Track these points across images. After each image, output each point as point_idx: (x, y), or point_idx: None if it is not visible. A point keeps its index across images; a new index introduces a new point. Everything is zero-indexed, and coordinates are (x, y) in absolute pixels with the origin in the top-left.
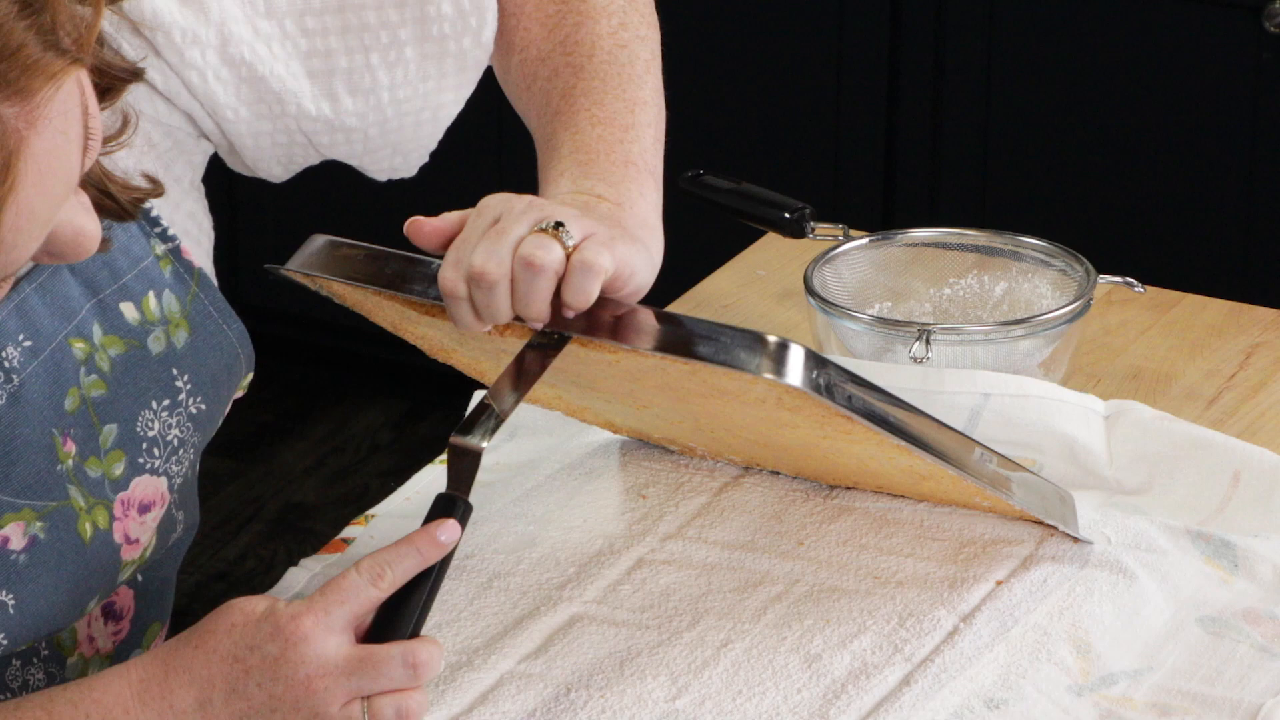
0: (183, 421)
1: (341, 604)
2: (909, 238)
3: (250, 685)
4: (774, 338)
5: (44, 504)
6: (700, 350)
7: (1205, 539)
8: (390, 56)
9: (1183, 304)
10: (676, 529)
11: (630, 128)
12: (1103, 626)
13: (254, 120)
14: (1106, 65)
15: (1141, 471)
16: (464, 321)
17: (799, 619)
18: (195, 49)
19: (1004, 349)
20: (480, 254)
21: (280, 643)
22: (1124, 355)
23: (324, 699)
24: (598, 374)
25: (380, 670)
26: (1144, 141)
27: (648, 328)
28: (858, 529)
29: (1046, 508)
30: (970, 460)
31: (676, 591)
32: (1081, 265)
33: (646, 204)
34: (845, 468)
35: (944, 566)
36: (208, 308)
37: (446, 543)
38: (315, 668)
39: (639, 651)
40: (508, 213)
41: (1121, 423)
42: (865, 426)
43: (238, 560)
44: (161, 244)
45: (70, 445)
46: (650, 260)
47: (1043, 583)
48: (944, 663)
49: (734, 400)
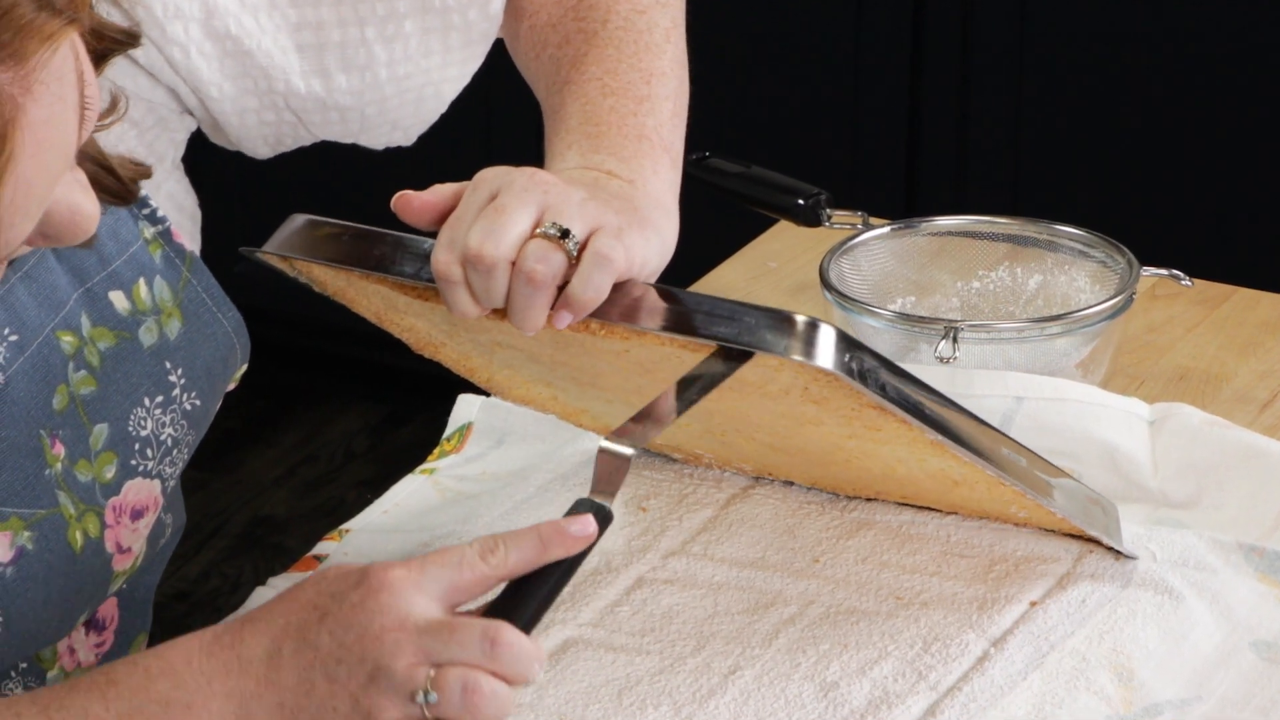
0: (176, 419)
1: (441, 567)
2: (934, 226)
3: (322, 634)
4: (803, 317)
5: (32, 512)
6: (722, 331)
7: (1259, 554)
8: (388, 30)
9: (1234, 299)
10: (680, 545)
11: (645, 99)
12: (1147, 652)
13: (239, 97)
14: (1150, 36)
15: (1189, 482)
16: (460, 307)
17: (814, 643)
18: (178, 23)
19: (1038, 348)
20: (477, 234)
21: (364, 590)
22: (1170, 355)
23: (390, 651)
24: (604, 366)
25: (455, 637)
26: (1192, 120)
27: (663, 309)
28: (878, 545)
29: (1088, 517)
30: (1009, 460)
31: (680, 613)
32: (1123, 256)
33: (660, 182)
34: (869, 474)
35: (973, 586)
36: (201, 295)
37: (577, 537)
38: (392, 620)
39: (639, 679)
40: (507, 188)
41: (1167, 429)
42: (898, 419)
43: (200, 578)
44: (151, 227)
45: (59, 447)
46: (663, 246)
47: (1081, 604)
48: (973, 692)
49: (753, 393)
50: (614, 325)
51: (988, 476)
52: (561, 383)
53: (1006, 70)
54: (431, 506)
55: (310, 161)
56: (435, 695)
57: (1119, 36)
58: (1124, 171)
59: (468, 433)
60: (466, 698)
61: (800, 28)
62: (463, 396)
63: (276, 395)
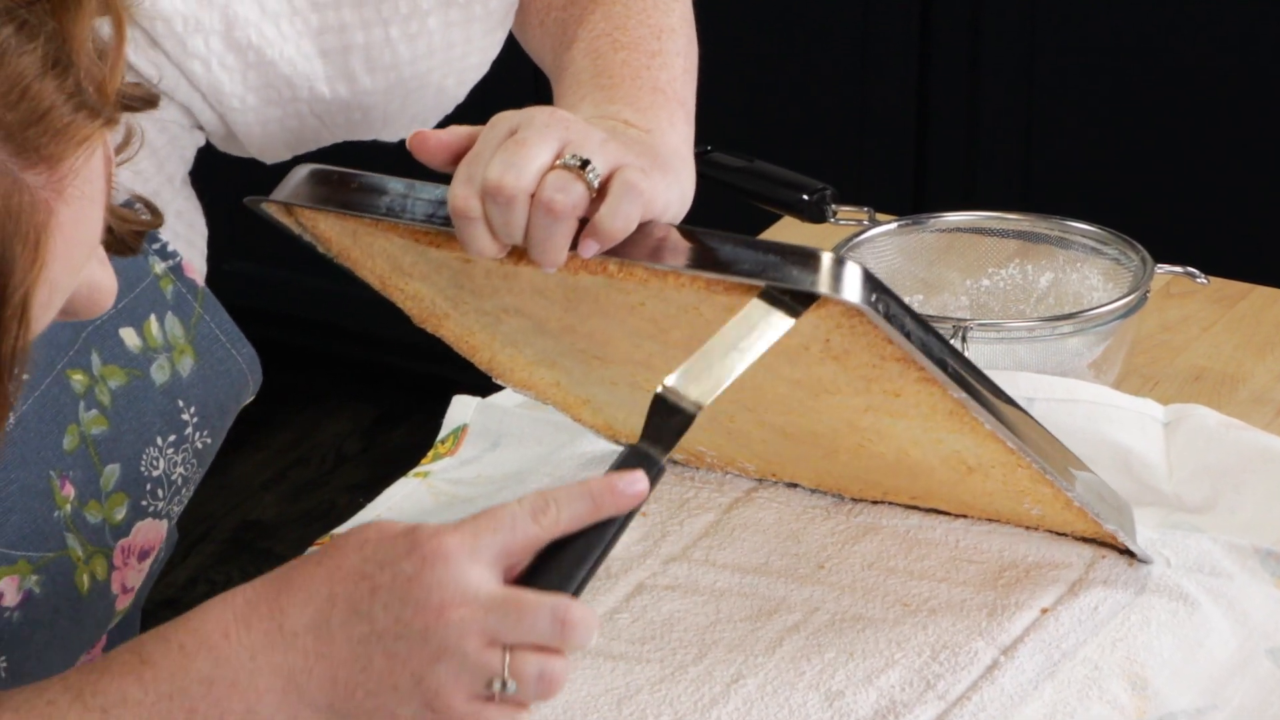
0: (188, 458)
1: (494, 532)
2: (942, 222)
3: (375, 607)
4: (829, 253)
5: (40, 555)
6: (745, 268)
7: (1276, 559)
8: (411, 28)
9: (1251, 297)
10: (681, 550)
11: (657, 54)
12: (1161, 660)
13: (262, 107)
14: (1164, 27)
15: (1205, 486)
16: (477, 244)
17: (819, 651)
18: (198, 36)
19: (1050, 347)
20: (497, 167)
21: (416, 560)
22: (1185, 355)
23: (459, 632)
24: (615, 330)
25: (525, 617)
26: (1208, 112)
27: (686, 248)
28: (885, 550)
29: (1105, 512)
30: (1029, 431)
31: (681, 621)
32: (1137, 253)
33: (677, 135)
34: (880, 463)
35: (982, 592)
36: (214, 331)
37: (628, 495)
38: (453, 594)
39: (639, 688)
40: (527, 123)
41: (1182, 431)
42: (919, 377)
43: (187, 585)
44: (161, 262)
45: (69, 489)
46: (682, 194)
47: (1093, 611)
48: (982, 701)
49: (771, 351)
50: (634, 265)
51: (1004, 459)
52: (566, 363)
53: (1017, 61)
54: (426, 510)
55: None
56: (515, 685)
57: (1134, 25)
58: (1138, 165)
59: (463, 435)
60: (541, 684)
61: (805, 16)
62: (458, 398)
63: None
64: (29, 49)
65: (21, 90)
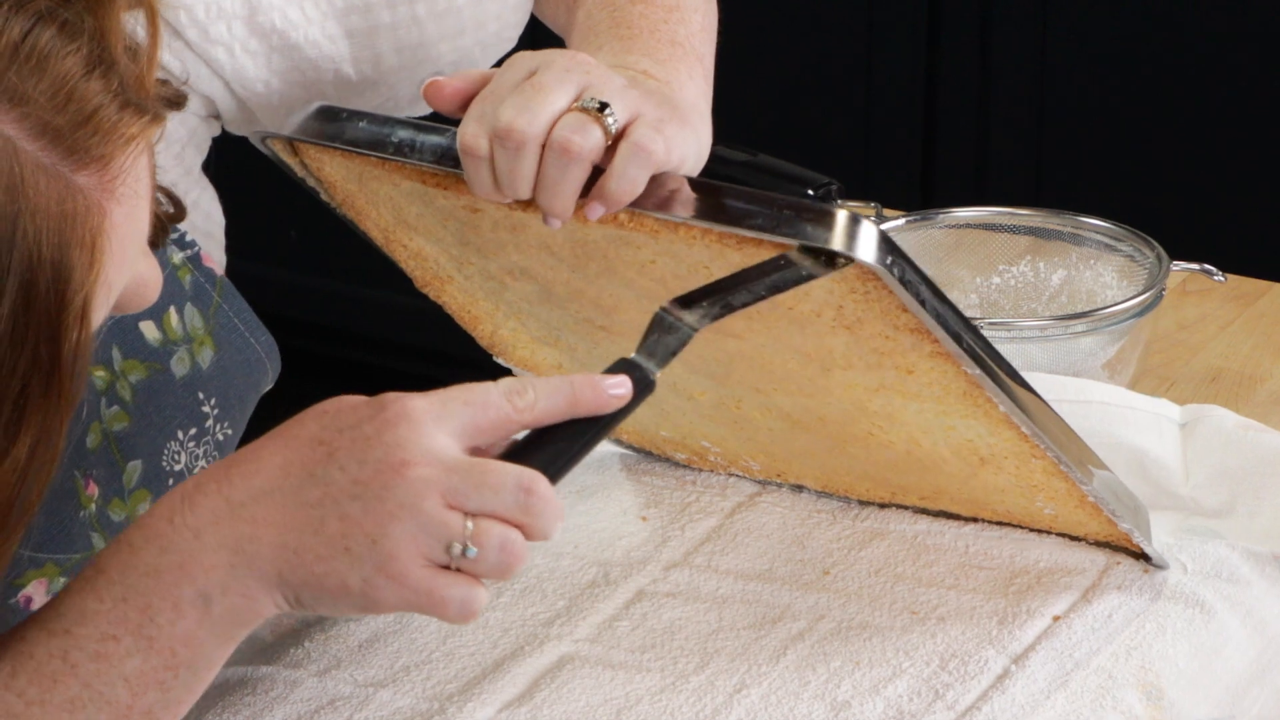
0: (209, 451)
1: (464, 404)
2: (952, 218)
3: (332, 469)
4: (844, 211)
5: (67, 557)
6: (759, 222)
7: None
8: (439, 5)
9: (1270, 295)
10: (682, 556)
11: (675, 9)
12: (1177, 669)
13: (287, 90)
14: (1178, 18)
15: (1222, 489)
16: (480, 186)
17: (824, 660)
18: (221, 23)
19: (1062, 347)
20: (510, 108)
21: (378, 423)
22: (1201, 354)
23: (418, 490)
24: (624, 292)
25: (489, 481)
26: (1224, 105)
27: (697, 200)
28: (892, 556)
29: (1120, 510)
30: (1045, 419)
31: (682, 628)
32: (1152, 250)
33: (695, 89)
34: (890, 451)
35: (992, 599)
36: (233, 320)
37: (609, 395)
38: (414, 453)
39: (639, 698)
40: (546, 66)
41: (1199, 432)
42: (933, 350)
43: None
44: (179, 252)
45: (93, 488)
46: (699, 148)
47: (1107, 618)
48: (992, 711)
49: (782, 319)
50: (644, 216)
51: (1018, 448)
52: (570, 339)
53: (1028, 52)
54: None
55: None
56: (475, 550)
57: (1147, 16)
58: (1153, 160)
59: None
60: (502, 556)
61: (811, 6)
62: None
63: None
64: (72, 49)
65: (68, 92)
